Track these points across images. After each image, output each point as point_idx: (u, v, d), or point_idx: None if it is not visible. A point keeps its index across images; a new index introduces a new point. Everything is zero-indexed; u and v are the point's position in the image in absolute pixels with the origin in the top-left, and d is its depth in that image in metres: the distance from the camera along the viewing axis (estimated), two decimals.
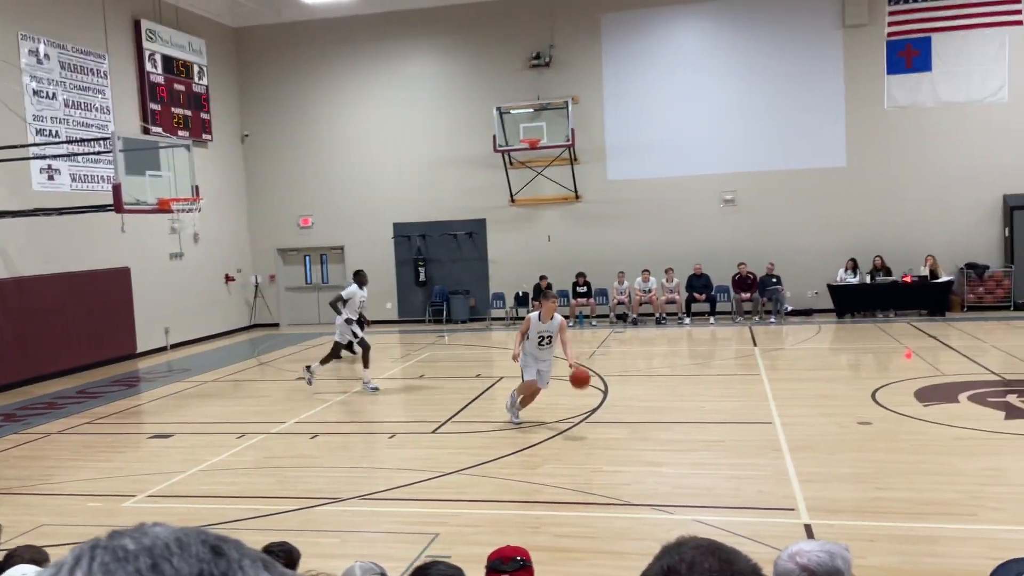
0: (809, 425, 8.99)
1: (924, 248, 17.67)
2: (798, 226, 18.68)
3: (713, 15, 19.04)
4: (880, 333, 15.62)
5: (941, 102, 17.80)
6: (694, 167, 19.16)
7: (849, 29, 18.13)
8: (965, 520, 6.00)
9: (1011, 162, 17.41)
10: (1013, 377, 10.90)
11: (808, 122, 18.54)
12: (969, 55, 17.58)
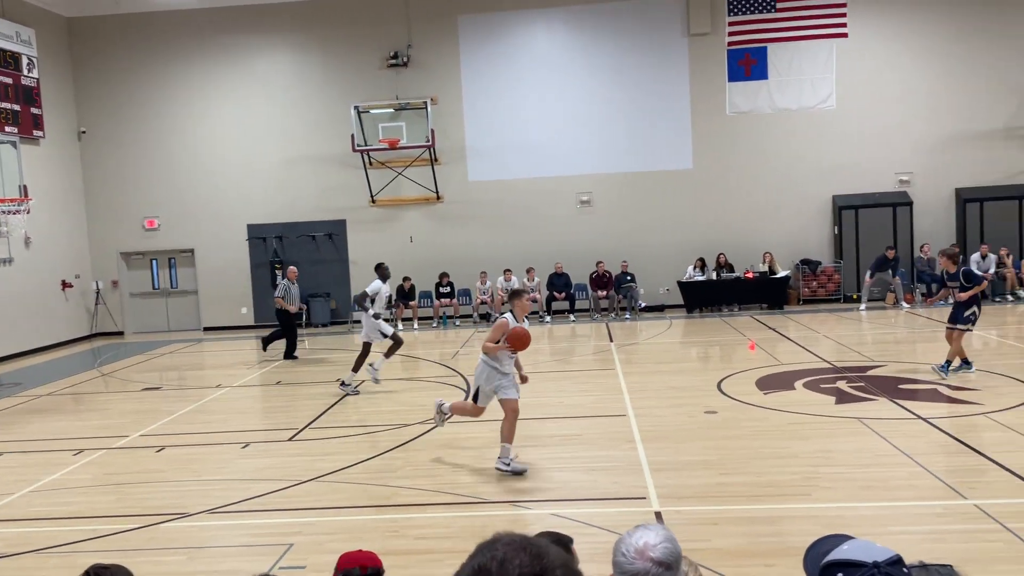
0: (661, 416, 9.36)
1: (763, 246, 18.82)
2: (650, 226, 19.44)
3: (567, 21, 19.52)
4: (725, 326, 16.50)
5: (777, 108, 19.02)
6: (552, 168, 19.57)
7: (693, 38, 19.05)
8: (801, 500, 6.41)
9: (839, 165, 18.82)
10: (843, 364, 11.78)
11: (658, 126, 19.33)
12: (801, 64, 18.88)
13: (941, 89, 18.53)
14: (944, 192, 18.71)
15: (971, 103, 18.46)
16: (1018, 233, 18.07)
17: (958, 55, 18.43)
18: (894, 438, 7.82)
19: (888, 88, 18.67)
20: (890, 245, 17.87)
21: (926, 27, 18.57)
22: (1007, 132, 18.43)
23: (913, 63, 18.63)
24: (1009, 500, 6.08)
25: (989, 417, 8.44)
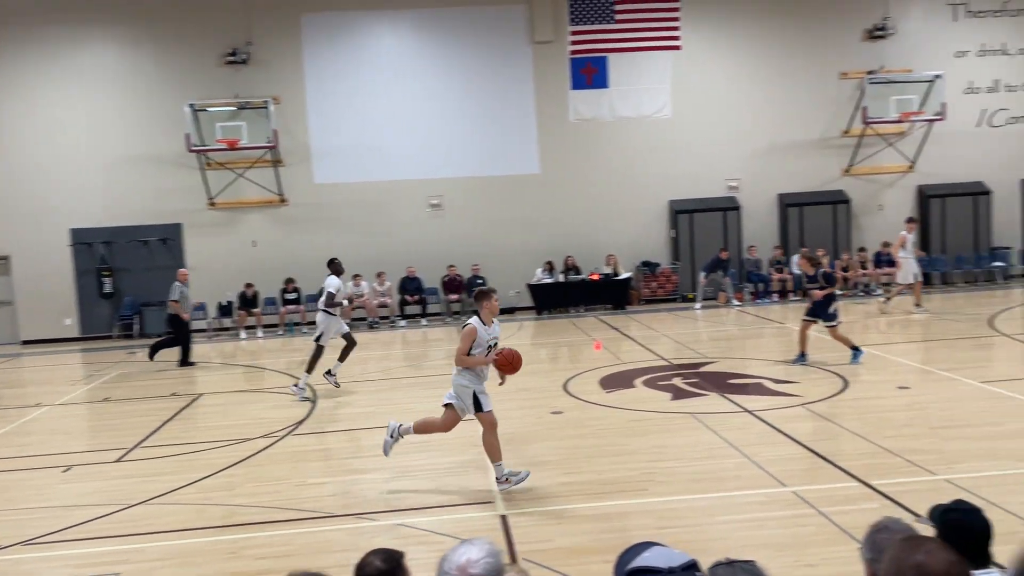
0: (509, 418, 9.46)
1: (607, 248, 19.52)
2: (500, 229, 19.70)
3: (413, 23, 19.46)
4: (573, 327, 16.97)
5: (617, 116, 19.78)
6: (402, 171, 19.44)
7: (538, 45, 19.48)
8: (638, 495, 6.68)
9: (675, 171, 19.81)
10: (679, 361, 12.39)
11: (506, 131, 19.63)
12: (639, 75, 19.72)
13: (765, 102, 19.89)
14: (768, 197, 20.09)
15: (791, 115, 19.92)
16: (833, 235, 19.68)
17: (780, 70, 19.85)
18: (723, 431, 8.30)
19: (718, 100, 19.84)
20: (722, 247, 18.98)
21: (751, 44, 19.88)
22: (822, 142, 20.04)
23: (740, 77, 19.89)
24: (823, 486, 6.59)
25: (807, 408, 9.13)
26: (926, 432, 7.99)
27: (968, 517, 2.67)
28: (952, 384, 9.94)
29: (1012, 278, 19.92)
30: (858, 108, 19.26)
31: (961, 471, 6.74)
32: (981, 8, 19.96)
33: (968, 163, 19.97)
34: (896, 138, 19.86)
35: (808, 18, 19.80)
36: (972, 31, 19.98)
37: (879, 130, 19.47)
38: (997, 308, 16.06)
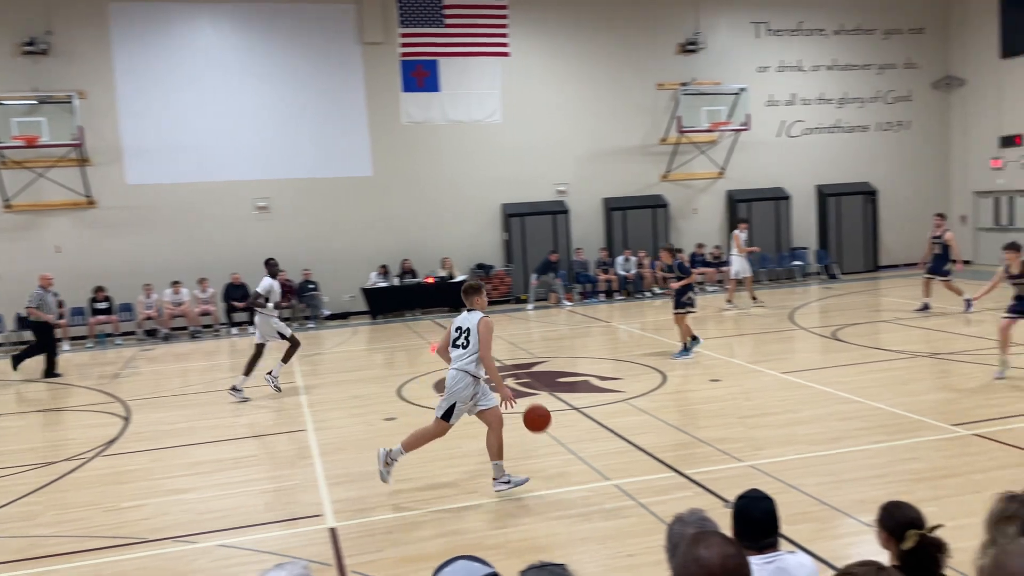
0: (341, 427, 9.32)
1: (442, 251, 19.59)
2: (333, 232, 19.28)
3: (235, 19, 18.66)
4: (408, 331, 16.89)
5: (449, 120, 19.90)
6: (225, 172, 18.59)
7: (368, 46, 19.24)
8: (469, 498, 6.75)
9: (506, 175, 20.18)
10: (512, 362, 12.63)
11: (337, 132, 19.24)
12: (470, 79, 19.93)
13: (590, 110, 20.68)
14: (594, 201, 20.91)
15: (614, 123, 20.83)
16: (653, 237, 20.76)
17: (603, 80, 20.70)
18: (552, 429, 8.52)
19: (546, 107, 20.41)
20: (552, 249, 19.54)
21: (576, 54, 20.60)
22: (642, 149, 21.10)
23: (566, 85, 20.56)
24: (642, 478, 6.94)
25: (629, 403, 9.58)
26: (734, 422, 8.60)
27: (752, 505, 2.90)
28: (757, 375, 10.76)
29: (809, 275, 21.85)
30: (673, 117, 20.44)
31: (765, 457, 7.31)
32: (780, 27, 21.75)
33: (770, 170, 21.69)
34: (708, 146, 21.25)
35: (627, 31, 20.78)
36: (772, 48, 21.73)
37: (692, 138, 20.75)
38: (797, 303, 17.55)
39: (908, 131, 22.72)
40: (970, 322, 13.58)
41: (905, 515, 2.74)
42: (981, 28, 21.64)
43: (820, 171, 22.08)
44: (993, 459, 6.92)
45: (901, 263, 22.48)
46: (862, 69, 22.27)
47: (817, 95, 22.07)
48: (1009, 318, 9.46)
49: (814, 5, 21.79)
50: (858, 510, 5.80)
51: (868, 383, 9.83)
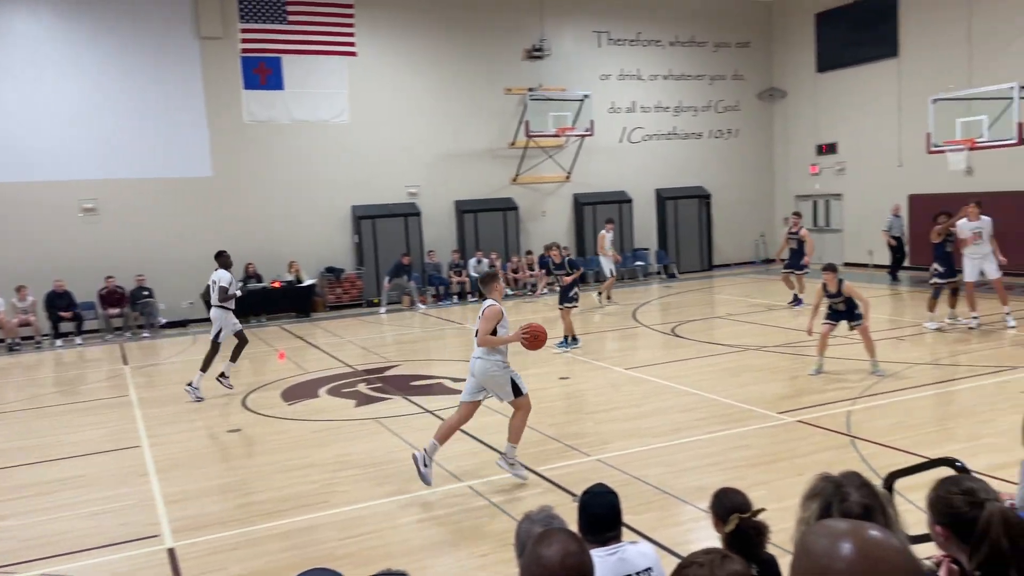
0: (180, 442, 8.84)
1: (289, 254, 19.01)
2: (170, 236, 18.26)
3: (56, 8, 17.30)
4: (253, 338, 16.18)
5: (295, 120, 19.34)
6: (47, 171, 17.21)
7: (206, 41, 18.37)
8: (319, 508, 6.58)
9: (356, 177, 19.86)
10: (365, 367, 12.44)
11: (173, 130, 18.24)
12: (316, 79, 19.45)
13: (440, 112, 20.70)
14: (446, 203, 20.96)
15: (464, 126, 20.97)
16: (504, 239, 21.07)
17: (453, 83, 20.79)
18: (406, 433, 8.50)
19: (396, 108, 20.25)
20: (405, 252, 19.40)
21: (426, 56, 20.57)
22: (492, 152, 21.36)
23: (416, 87, 20.48)
24: (495, 477, 7.02)
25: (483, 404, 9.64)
26: (583, 417, 8.88)
27: (594, 500, 3.01)
28: (604, 372, 11.16)
29: (650, 275, 22.89)
30: (522, 122, 20.82)
31: (612, 450, 7.59)
32: (620, 37, 22.64)
33: (613, 174, 22.55)
34: (555, 150, 21.81)
35: (476, 35, 20.98)
36: (613, 57, 22.60)
37: (540, 143, 21.23)
38: (639, 302, 18.33)
39: (737, 139, 24.26)
40: (798, 315, 14.64)
41: (732, 501, 2.94)
42: (800, 44, 23.45)
43: (659, 175, 23.17)
44: (814, 443, 7.50)
45: (732, 262, 23.98)
46: (695, 79, 23.58)
47: (655, 103, 23.15)
48: (829, 324, 10.28)
49: (651, 17, 22.85)
50: (696, 497, 6.13)
51: (704, 376, 10.41)
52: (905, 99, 20.13)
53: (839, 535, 1.17)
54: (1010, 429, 4.55)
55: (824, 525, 1.23)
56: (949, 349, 11.41)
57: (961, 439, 7.42)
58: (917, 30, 19.99)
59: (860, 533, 1.17)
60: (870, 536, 1.16)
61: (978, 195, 14.64)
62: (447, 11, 20.67)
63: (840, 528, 1.20)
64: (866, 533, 1.17)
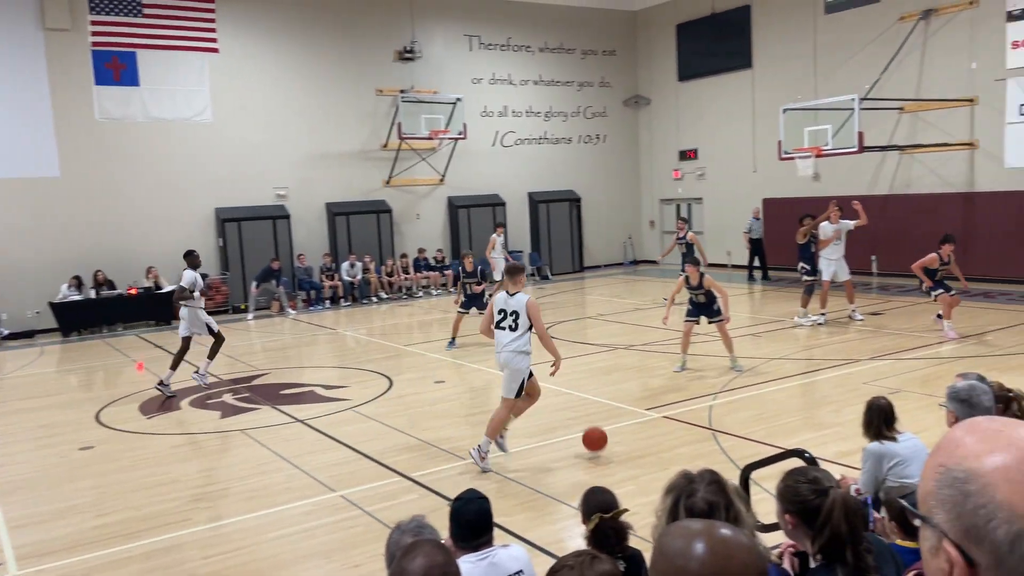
0: (26, 462, 8.22)
1: (147, 260, 18.04)
2: (12, 240, 16.95)
3: None
4: (109, 349, 15.33)
5: (152, 118, 18.37)
6: None
7: (51, 32, 17.16)
8: (181, 527, 6.26)
9: (221, 178, 19.08)
10: (231, 376, 11.97)
11: (15, 127, 16.94)
12: (175, 75, 18.56)
13: (310, 112, 20.20)
14: (316, 206, 20.48)
15: (335, 126, 20.56)
16: (377, 242, 20.80)
17: (323, 82, 20.34)
18: (275, 444, 8.23)
19: (263, 107, 19.61)
20: (273, 256, 18.80)
21: (294, 54, 20.02)
22: (364, 154, 21.05)
23: (284, 86, 19.90)
24: (369, 485, 6.91)
25: (355, 411, 9.50)
26: (458, 421, 8.88)
27: (465, 506, 3.02)
28: (479, 374, 11.21)
29: (530, 277, 23.20)
30: (394, 123, 20.63)
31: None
32: (491, 42, 22.84)
33: (487, 177, 22.72)
34: (428, 153, 21.73)
35: (347, 34, 20.62)
36: (485, 61, 22.76)
37: (413, 145, 21.09)
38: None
39: (605, 144, 24.97)
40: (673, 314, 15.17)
41: (597, 500, 3.02)
42: (662, 54, 24.40)
43: (531, 179, 23.53)
44: (679, 438, 7.82)
45: (602, 264, 24.66)
46: (564, 85, 24.10)
47: (526, 108, 23.49)
48: (691, 322, 10.73)
49: (521, 23, 23.18)
50: (569, 495, 6.26)
51: (577, 376, 10.64)
52: (759, 108, 21.33)
53: (693, 536, 1.22)
54: (854, 419, 4.90)
55: (679, 526, 1.28)
56: (801, 344, 12.16)
57: (812, 429, 7.93)
58: (768, 43, 21.22)
59: (712, 533, 1.23)
60: (720, 535, 1.22)
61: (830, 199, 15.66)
62: (316, 9, 20.21)
63: (694, 529, 1.25)
64: (717, 532, 1.23)
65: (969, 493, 0.90)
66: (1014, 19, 16.15)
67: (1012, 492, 0.87)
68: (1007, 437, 0.92)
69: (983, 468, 0.90)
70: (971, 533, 0.89)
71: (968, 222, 17.08)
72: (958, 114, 17.20)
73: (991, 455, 0.91)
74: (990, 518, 0.88)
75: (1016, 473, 0.88)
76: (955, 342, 11.42)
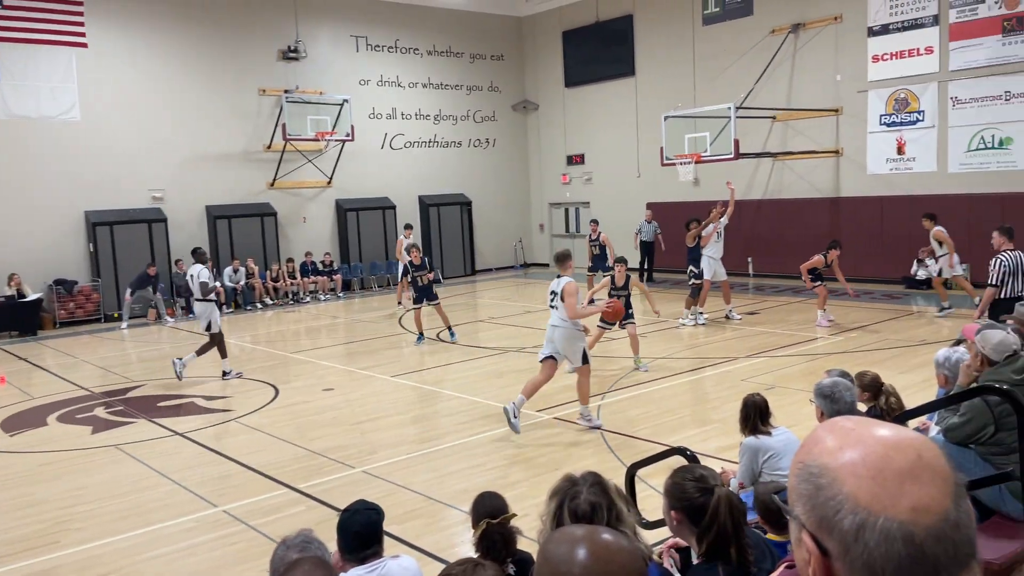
0: None
1: (8, 267, 16.84)
2: None
3: None
4: None
5: (14, 115, 17.19)
6: None
7: None
8: (50, 550, 5.89)
9: (90, 180, 18.05)
10: (103, 389, 11.33)
11: None
12: (38, 71, 17.44)
13: (188, 111, 19.38)
14: (196, 209, 19.67)
15: (215, 126, 19.81)
16: (262, 246, 20.17)
17: (202, 81, 19.57)
18: (151, 459, 7.85)
19: (137, 106, 18.69)
20: (149, 262, 17.93)
21: (171, 51, 19.17)
22: (247, 155, 20.38)
23: (160, 84, 19.01)
24: (254, 499, 6.68)
25: (239, 422, 9.18)
26: (348, 429, 8.72)
27: (352, 518, 2.97)
28: (370, 381, 11.04)
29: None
30: (279, 124, 20.08)
31: (378, 460, 7.52)
32: (379, 43, 22.58)
33: (376, 180, 22.43)
34: (315, 155, 21.26)
35: (228, 31, 19.92)
36: (373, 63, 22.48)
37: (299, 146, 20.57)
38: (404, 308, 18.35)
39: (495, 148, 25.13)
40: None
41: (486, 506, 3.02)
42: (549, 60, 24.78)
43: (421, 182, 23.40)
44: (569, 438, 7.94)
45: (493, 267, 24.80)
46: (454, 89, 24.10)
47: (415, 111, 23.35)
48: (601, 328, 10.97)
49: (409, 26, 23.02)
50: (461, 500, 6.24)
51: (469, 379, 10.65)
52: (642, 115, 21.97)
53: (575, 541, 1.25)
54: (734, 415, 5.11)
55: (562, 532, 1.31)
56: (684, 344, 12.59)
57: (695, 425, 8.22)
58: (650, 52, 21.89)
59: (593, 538, 1.26)
60: (602, 540, 1.25)
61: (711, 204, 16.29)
62: (195, 5, 19.44)
63: (576, 535, 1.28)
64: (599, 537, 1.26)
65: (821, 487, 0.96)
66: (874, 35, 17.29)
67: (857, 486, 0.93)
68: (858, 435, 0.98)
69: (834, 464, 0.96)
70: (823, 524, 0.95)
71: (834, 226, 18.14)
72: (825, 123, 18.26)
73: (842, 452, 0.97)
74: (838, 509, 0.94)
75: (862, 468, 0.94)
76: (827, 332, 12.15)
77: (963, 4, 15.92)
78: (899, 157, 17.22)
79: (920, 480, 0.93)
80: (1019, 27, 15.25)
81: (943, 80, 16.36)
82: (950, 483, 0.94)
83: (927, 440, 0.99)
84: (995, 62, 15.58)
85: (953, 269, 13.59)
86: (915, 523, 0.91)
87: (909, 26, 16.73)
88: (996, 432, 4.16)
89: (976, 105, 15.95)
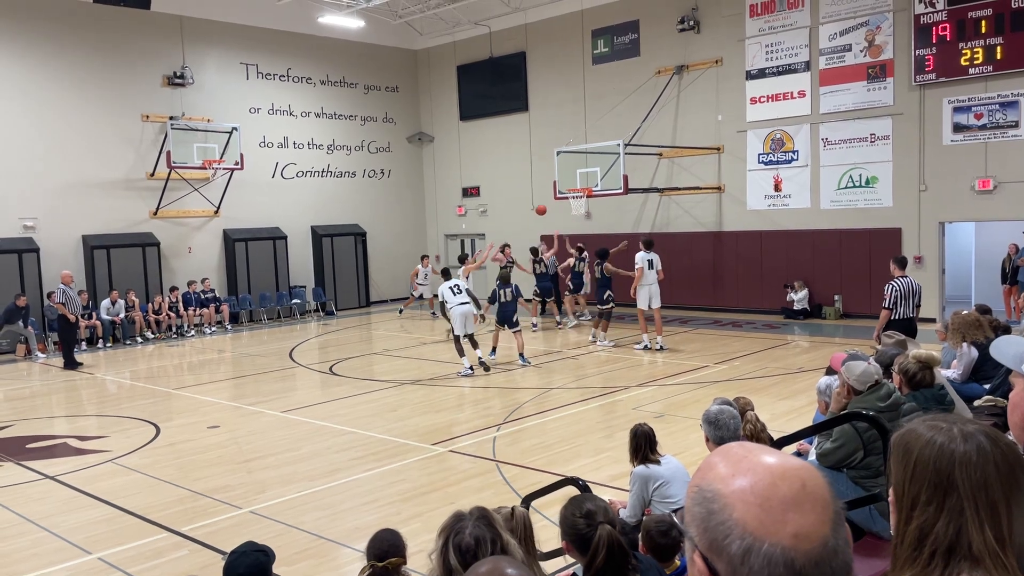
0: None
1: None
2: None
3: None
4: None
5: None
6: None
7: None
8: None
9: None
10: None
11: None
12: None
13: (63, 136, 18.43)
14: (72, 238, 18.66)
15: (93, 153, 18.91)
16: (144, 277, 19.30)
17: (79, 105, 18.66)
18: (19, 505, 7.33)
19: (6, 128, 17.65)
20: (19, 293, 16.85)
21: (46, 73, 18.23)
22: (128, 183, 19.53)
23: (33, 107, 18.03)
24: (132, 544, 6.33)
25: (116, 463, 8.70)
26: (234, 468, 8.40)
27: (238, 560, 2.87)
28: (258, 417, 10.69)
29: (307, 313, 22.53)
30: (163, 151, 19.36)
31: (266, 500, 7.27)
32: (269, 72, 22.18)
33: (266, 210, 21.91)
34: (201, 183, 20.59)
35: (109, 55, 19.13)
36: (264, 91, 22.04)
37: (184, 175, 19.89)
38: (296, 341, 17.94)
39: (390, 179, 25.02)
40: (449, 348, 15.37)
41: (378, 546, 3.00)
42: (444, 93, 24.97)
43: (314, 212, 23.02)
44: (464, 471, 7.92)
45: (388, 299, 24.56)
46: (348, 119, 23.92)
47: (308, 140, 23.02)
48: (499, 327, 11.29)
49: (301, 55, 22.74)
50: (353, 538, 6.11)
51: (362, 413, 10.47)
52: (535, 149, 22.40)
53: None
54: (624, 443, 5.22)
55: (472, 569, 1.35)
56: (575, 374, 12.80)
57: (588, 455, 8.35)
58: (543, 89, 22.40)
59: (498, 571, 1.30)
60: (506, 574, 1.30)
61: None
62: (73, 26, 18.60)
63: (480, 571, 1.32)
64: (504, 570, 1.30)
65: (713, 511, 1.02)
66: (752, 78, 18.30)
67: (746, 512, 0.99)
68: (749, 463, 1.05)
69: (726, 490, 1.02)
70: (713, 547, 1.00)
71: (718, 258, 18.96)
72: (708, 161, 19.12)
73: (734, 478, 1.03)
74: (727, 534, 0.99)
75: (751, 495, 1.00)
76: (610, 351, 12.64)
77: (832, 51, 17.09)
78: (776, 194, 18.20)
79: (802, 509, 0.99)
80: (882, 74, 16.48)
81: (815, 122, 17.46)
82: (830, 511, 1.01)
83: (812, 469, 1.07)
84: (861, 106, 16.76)
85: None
86: (796, 549, 0.97)
87: (784, 71, 17.80)
88: (865, 456, 4.43)
89: (845, 146, 17.08)
